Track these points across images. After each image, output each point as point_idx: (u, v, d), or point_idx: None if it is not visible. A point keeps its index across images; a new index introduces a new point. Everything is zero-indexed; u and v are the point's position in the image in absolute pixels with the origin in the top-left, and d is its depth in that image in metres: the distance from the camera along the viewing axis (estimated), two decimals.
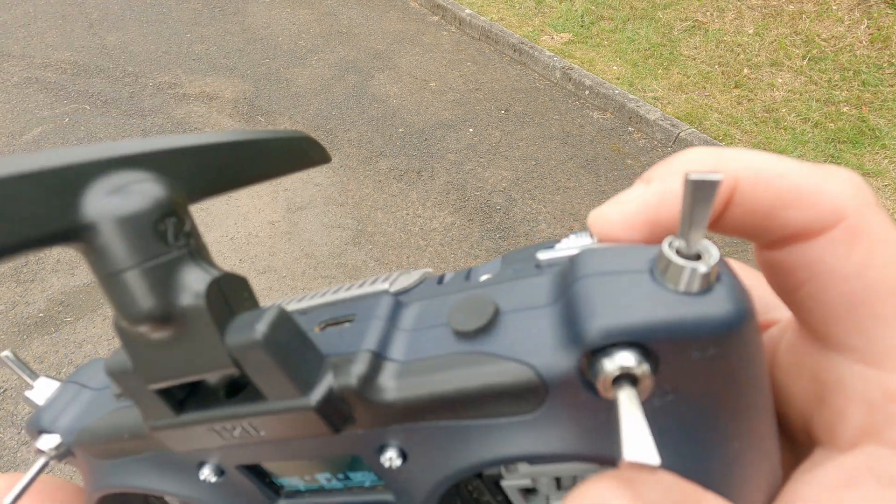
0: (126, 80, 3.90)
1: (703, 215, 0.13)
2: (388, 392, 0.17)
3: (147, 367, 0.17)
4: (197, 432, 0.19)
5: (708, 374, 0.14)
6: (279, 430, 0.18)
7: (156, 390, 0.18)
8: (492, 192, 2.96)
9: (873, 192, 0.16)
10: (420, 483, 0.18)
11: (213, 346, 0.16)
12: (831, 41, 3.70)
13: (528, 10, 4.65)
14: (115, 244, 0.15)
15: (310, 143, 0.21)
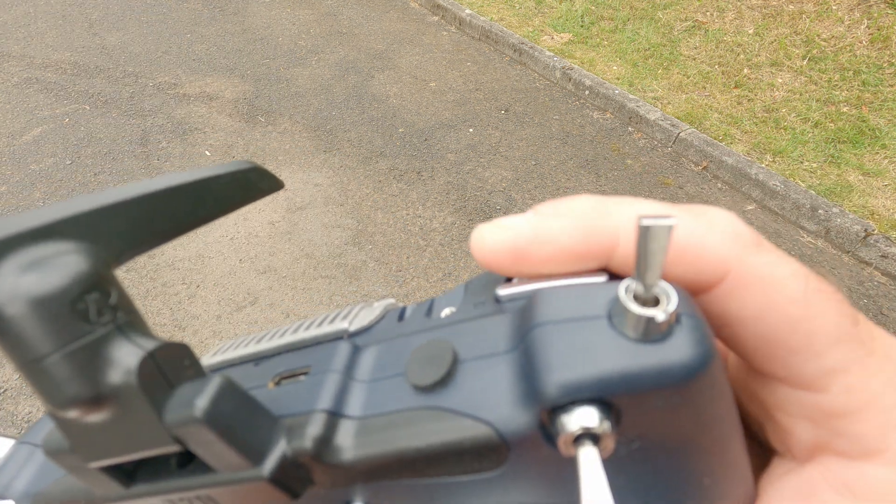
0: (126, 80, 3.90)
1: (657, 259, 0.13)
2: (345, 452, 0.16)
3: (85, 448, 0.16)
4: (151, 500, 0.18)
5: (673, 420, 0.14)
6: (235, 499, 0.17)
7: (99, 468, 0.17)
8: (492, 192, 2.96)
9: (751, 231, 0.16)
10: None
11: (151, 424, 0.15)
12: (831, 41, 3.70)
13: (528, 10, 4.65)
14: (30, 330, 0.14)
15: (257, 172, 0.20)
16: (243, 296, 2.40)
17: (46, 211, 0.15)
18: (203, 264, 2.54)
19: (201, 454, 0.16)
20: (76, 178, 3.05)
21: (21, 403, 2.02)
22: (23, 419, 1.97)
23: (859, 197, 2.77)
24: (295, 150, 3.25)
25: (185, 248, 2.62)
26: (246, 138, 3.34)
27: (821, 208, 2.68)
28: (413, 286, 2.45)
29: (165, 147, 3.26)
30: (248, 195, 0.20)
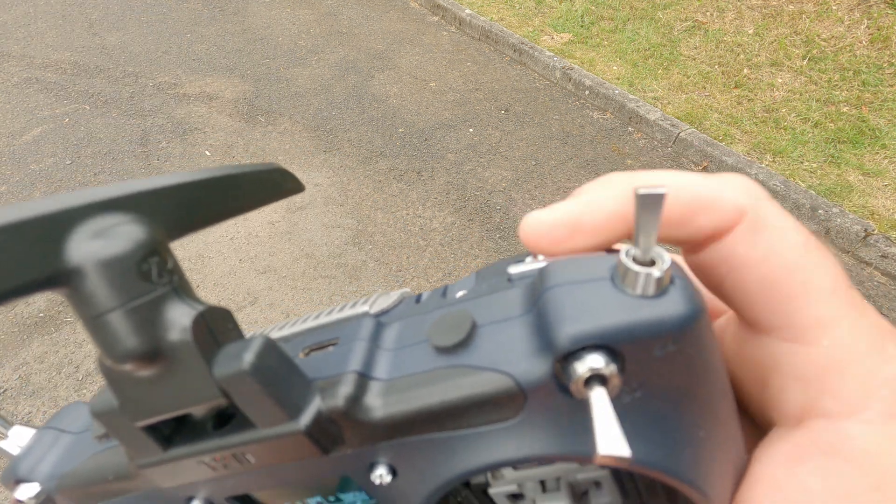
0: (126, 80, 3.90)
1: (653, 225, 0.15)
2: (374, 410, 0.18)
3: (133, 404, 0.17)
4: (186, 466, 0.19)
5: (670, 369, 0.15)
6: (269, 456, 0.18)
7: (142, 427, 0.18)
8: (492, 192, 2.96)
9: (761, 187, 0.19)
10: (410, 497, 0.19)
11: (201, 378, 0.16)
12: (831, 41, 3.70)
13: (528, 10, 4.65)
14: (99, 287, 0.15)
15: (283, 174, 0.22)
16: (243, 296, 2.40)
17: (111, 188, 0.16)
18: (203, 264, 2.54)
19: (244, 407, 0.17)
20: (76, 177, 3.05)
21: (21, 403, 2.02)
22: (22, 419, 1.97)
23: (859, 197, 2.77)
24: (295, 150, 3.25)
25: (185, 247, 2.62)
26: (246, 138, 3.34)
27: (821, 208, 2.68)
28: (413, 286, 2.45)
29: (165, 147, 3.26)
30: (274, 193, 0.22)
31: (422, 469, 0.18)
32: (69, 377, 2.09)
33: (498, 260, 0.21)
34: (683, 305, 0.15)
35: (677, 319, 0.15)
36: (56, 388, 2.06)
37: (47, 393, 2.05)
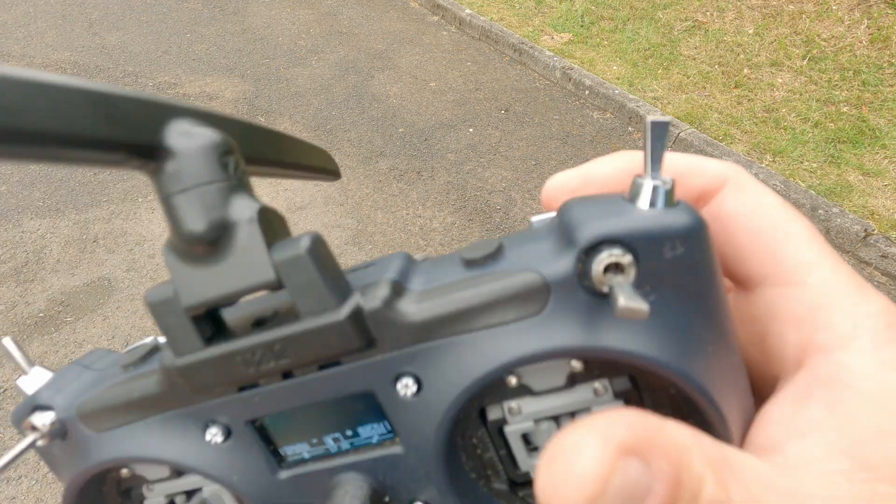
0: (126, 80, 3.89)
1: (660, 150, 0.17)
2: (408, 314, 0.19)
3: (191, 288, 0.19)
4: (222, 366, 0.19)
5: (679, 274, 0.17)
6: (305, 351, 0.19)
7: (192, 317, 0.19)
8: (492, 192, 2.96)
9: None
10: (434, 413, 0.20)
11: (260, 262, 0.18)
12: (831, 41, 3.70)
13: (528, 10, 4.65)
14: (186, 166, 0.18)
15: (330, 158, 0.25)
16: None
17: (203, 107, 0.19)
18: None
19: (294, 292, 0.19)
20: (76, 177, 3.05)
21: None
22: None
23: (859, 197, 2.78)
24: None
25: None
26: None
27: (821, 208, 2.69)
28: None
29: None
30: (321, 171, 0.25)
31: (449, 375, 0.19)
32: None
33: None
34: (690, 215, 0.17)
35: (685, 225, 0.17)
36: None
37: None
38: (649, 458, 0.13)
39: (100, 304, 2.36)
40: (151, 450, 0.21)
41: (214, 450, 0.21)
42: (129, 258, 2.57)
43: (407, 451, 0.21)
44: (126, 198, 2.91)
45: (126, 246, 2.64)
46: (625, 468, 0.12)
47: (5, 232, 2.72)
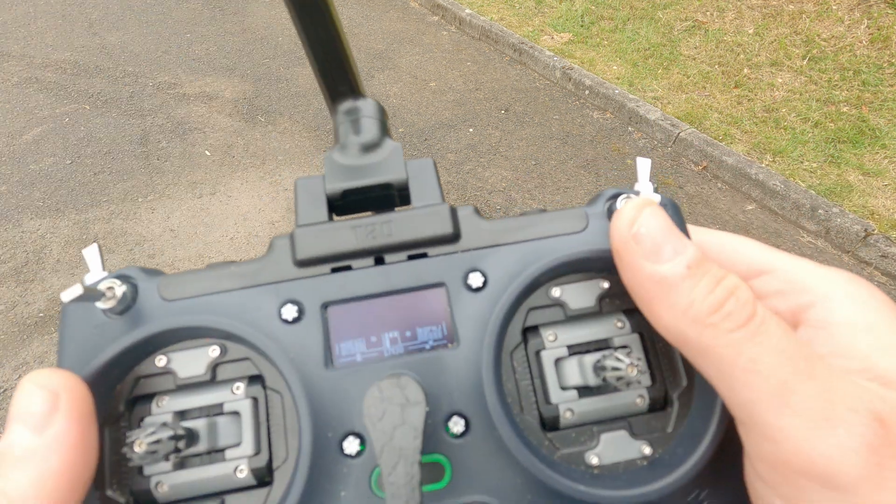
0: (126, 80, 3.90)
1: (644, 177, 0.26)
2: (488, 221, 0.25)
3: (337, 177, 0.26)
4: (336, 232, 0.24)
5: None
6: (411, 229, 0.24)
7: (328, 197, 0.26)
8: (492, 191, 2.96)
9: None
10: (494, 304, 0.23)
11: (396, 164, 0.27)
12: (831, 41, 3.70)
13: (528, 10, 4.65)
14: (365, 105, 0.29)
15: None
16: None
17: None
18: (203, 264, 2.54)
19: (415, 186, 0.26)
20: (76, 177, 3.04)
21: None
22: None
23: (859, 197, 2.77)
24: (295, 150, 3.25)
25: (185, 247, 2.62)
26: (246, 138, 3.34)
27: (821, 208, 2.68)
28: None
29: (165, 147, 3.26)
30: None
31: (512, 269, 0.24)
32: None
33: None
34: (663, 196, 0.25)
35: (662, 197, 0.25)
36: None
37: None
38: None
39: None
40: (219, 319, 0.23)
41: (282, 328, 0.23)
42: (129, 258, 2.57)
43: (461, 346, 0.23)
44: (126, 198, 2.91)
45: (126, 246, 2.63)
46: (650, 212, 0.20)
47: (5, 232, 2.72)
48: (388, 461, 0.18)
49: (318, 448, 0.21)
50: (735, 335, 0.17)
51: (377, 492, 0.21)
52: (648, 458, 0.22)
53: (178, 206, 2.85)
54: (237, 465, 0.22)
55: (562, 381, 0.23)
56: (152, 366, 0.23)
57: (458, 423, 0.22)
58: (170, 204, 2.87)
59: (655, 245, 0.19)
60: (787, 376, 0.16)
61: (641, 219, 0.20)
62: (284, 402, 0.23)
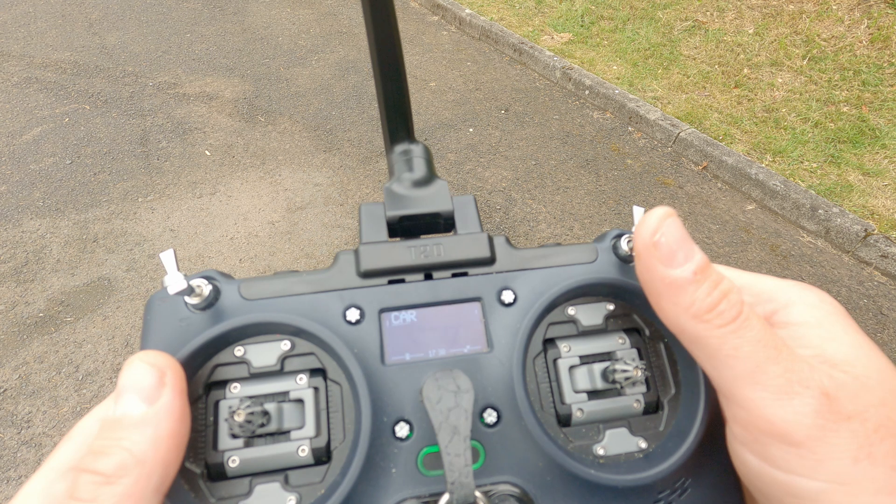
0: (126, 80, 3.90)
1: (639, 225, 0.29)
2: (518, 248, 0.30)
3: (395, 205, 0.31)
4: (394, 250, 0.29)
5: None
6: (454, 250, 0.29)
7: (387, 221, 0.31)
8: (492, 191, 2.95)
9: None
10: (523, 318, 0.28)
11: (444, 198, 0.32)
12: (831, 41, 3.70)
13: (528, 10, 4.65)
14: (417, 150, 0.36)
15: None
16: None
17: None
18: (203, 264, 2.54)
19: (459, 215, 0.32)
20: (76, 177, 3.04)
21: (21, 403, 2.02)
22: (22, 419, 1.97)
23: (859, 197, 2.77)
24: (295, 150, 3.25)
25: (186, 247, 2.62)
26: (246, 138, 3.34)
27: (821, 208, 2.68)
28: None
29: (165, 147, 3.26)
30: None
31: (538, 289, 0.29)
32: (69, 377, 2.09)
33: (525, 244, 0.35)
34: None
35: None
36: (56, 388, 2.06)
37: (47, 393, 2.05)
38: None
39: (100, 304, 2.36)
40: (295, 317, 0.27)
41: (346, 328, 0.27)
42: (129, 258, 2.57)
43: (494, 351, 0.27)
44: (126, 198, 2.91)
45: (126, 246, 2.63)
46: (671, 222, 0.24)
47: (5, 232, 2.72)
48: (444, 436, 0.22)
49: (375, 431, 0.25)
50: (724, 329, 0.22)
51: (423, 470, 0.25)
52: (644, 450, 0.27)
53: (178, 206, 2.85)
54: (299, 445, 0.25)
55: (574, 385, 0.28)
56: (230, 355, 0.27)
57: (492, 414, 0.26)
58: (170, 204, 2.87)
59: (671, 252, 0.23)
60: (759, 360, 0.22)
61: (663, 227, 0.23)
62: (343, 392, 0.26)
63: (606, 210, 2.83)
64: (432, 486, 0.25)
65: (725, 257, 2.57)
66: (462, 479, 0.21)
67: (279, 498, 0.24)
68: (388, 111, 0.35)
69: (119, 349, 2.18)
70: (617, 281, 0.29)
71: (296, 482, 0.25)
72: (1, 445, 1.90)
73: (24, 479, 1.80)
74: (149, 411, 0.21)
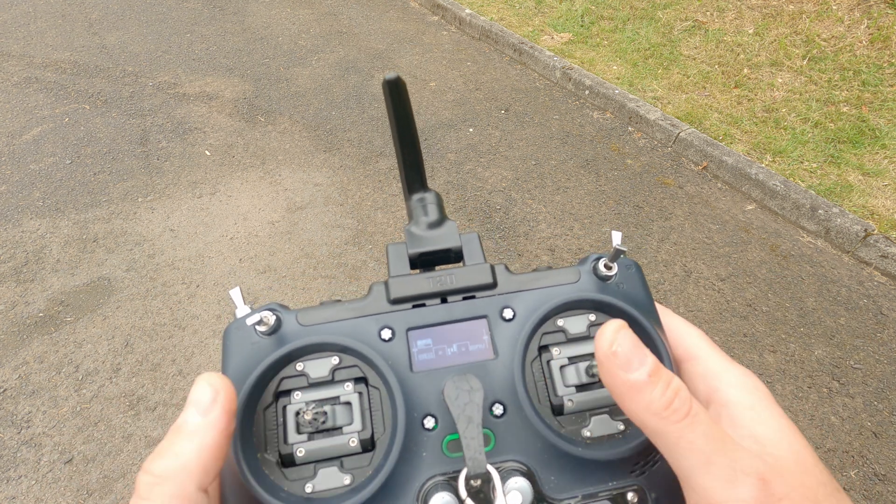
0: (126, 80, 3.90)
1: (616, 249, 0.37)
2: (515, 274, 0.36)
3: (415, 244, 0.39)
4: (416, 280, 0.36)
5: (629, 278, 0.37)
6: (466, 279, 0.36)
7: (409, 257, 0.39)
8: (492, 191, 2.95)
9: None
10: (521, 329, 0.34)
11: (453, 236, 0.40)
12: (831, 41, 3.70)
13: (528, 10, 4.65)
14: (431, 199, 0.43)
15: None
16: (243, 295, 2.40)
17: None
18: (203, 264, 2.54)
19: (467, 251, 0.39)
20: (76, 177, 3.04)
21: (21, 403, 2.02)
22: (22, 419, 1.97)
23: (859, 197, 2.77)
24: (295, 150, 3.25)
25: (185, 247, 2.62)
26: (246, 138, 3.34)
27: (821, 208, 2.68)
28: None
29: (165, 146, 3.26)
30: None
31: (533, 306, 0.35)
32: (69, 377, 2.09)
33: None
34: (631, 263, 0.38)
35: (629, 263, 0.37)
36: (56, 388, 2.06)
37: (47, 392, 2.05)
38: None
39: (99, 304, 2.36)
40: (342, 338, 0.34)
41: (382, 344, 0.34)
42: (129, 258, 2.57)
43: (499, 357, 0.34)
44: (126, 198, 2.91)
45: (126, 246, 2.63)
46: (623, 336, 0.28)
47: (5, 232, 2.72)
48: (462, 424, 0.29)
49: (408, 424, 0.32)
50: (679, 424, 0.26)
51: (447, 453, 0.32)
52: (622, 432, 0.33)
53: (178, 206, 2.85)
54: (350, 437, 0.32)
55: (564, 381, 0.34)
56: (293, 370, 0.34)
57: (499, 407, 0.33)
58: (170, 204, 2.87)
59: (627, 359, 0.27)
60: (708, 452, 0.26)
61: (617, 339, 0.28)
62: (381, 395, 0.33)
63: (606, 210, 2.83)
64: (455, 465, 0.31)
65: (725, 257, 2.57)
66: (476, 456, 0.27)
67: (337, 478, 0.31)
68: (406, 168, 0.43)
69: (119, 349, 2.18)
70: (596, 297, 0.35)
71: (349, 466, 0.32)
72: (1, 445, 1.90)
73: (23, 479, 1.80)
74: (201, 423, 0.26)
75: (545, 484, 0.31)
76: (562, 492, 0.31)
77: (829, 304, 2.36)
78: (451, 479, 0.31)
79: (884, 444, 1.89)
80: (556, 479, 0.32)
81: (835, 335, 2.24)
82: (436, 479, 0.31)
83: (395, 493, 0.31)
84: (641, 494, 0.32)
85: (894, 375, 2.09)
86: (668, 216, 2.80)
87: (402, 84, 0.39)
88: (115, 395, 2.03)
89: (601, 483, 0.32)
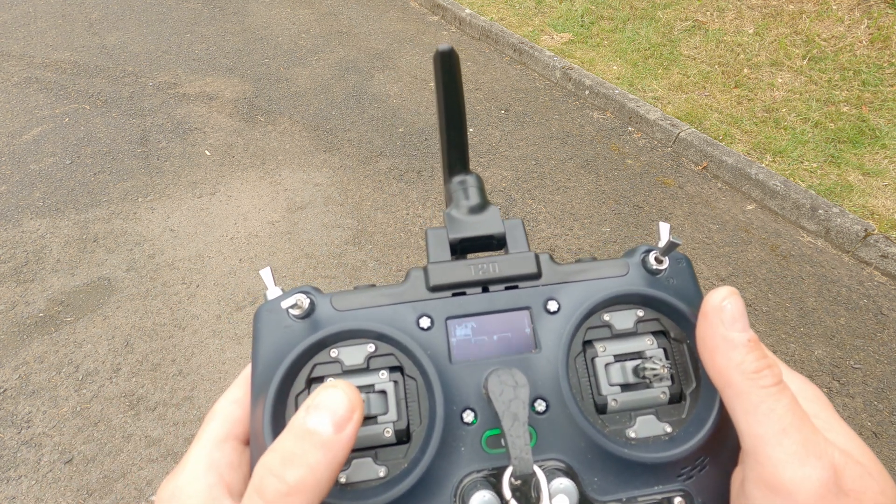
0: (126, 80, 3.90)
1: (665, 233, 0.34)
2: (562, 265, 0.35)
3: (456, 229, 0.37)
4: (457, 268, 0.34)
5: (679, 271, 0.35)
6: (507, 266, 0.34)
7: (450, 243, 0.36)
8: (492, 191, 2.95)
9: None
10: (566, 323, 0.33)
11: (496, 222, 0.37)
12: (831, 41, 3.70)
13: (528, 10, 4.65)
14: (473, 182, 0.40)
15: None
16: (243, 295, 2.40)
17: None
18: (203, 264, 2.54)
19: (510, 237, 0.37)
20: (76, 177, 3.04)
21: (21, 403, 2.02)
22: (22, 419, 1.97)
23: (859, 197, 2.77)
24: (295, 150, 3.25)
25: (185, 247, 2.62)
26: (246, 138, 3.34)
27: (821, 208, 2.68)
28: None
29: (165, 146, 3.26)
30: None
31: (579, 299, 0.33)
32: (69, 377, 2.09)
33: None
34: (680, 256, 0.35)
35: (679, 256, 0.35)
36: (56, 388, 2.06)
37: (47, 392, 2.05)
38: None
39: (100, 304, 2.36)
40: (379, 325, 0.32)
41: (420, 333, 0.32)
42: (129, 258, 2.57)
43: (542, 351, 0.32)
44: (126, 198, 2.91)
45: (126, 246, 2.63)
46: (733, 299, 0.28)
47: (5, 232, 2.72)
48: (507, 422, 0.27)
49: (447, 417, 0.31)
50: (767, 389, 0.26)
51: (486, 449, 0.30)
52: (669, 434, 0.32)
53: (178, 206, 2.85)
54: (385, 427, 0.31)
55: (609, 379, 0.33)
56: (327, 356, 0.32)
57: (542, 404, 0.31)
58: (170, 204, 2.87)
59: (734, 318, 0.27)
60: (786, 423, 0.25)
61: (730, 298, 0.28)
62: (418, 385, 0.32)
63: (606, 210, 2.83)
64: (494, 462, 0.30)
65: (725, 257, 2.57)
66: (523, 455, 0.26)
67: (372, 469, 0.30)
68: (449, 148, 0.41)
69: (119, 349, 2.18)
70: (647, 292, 0.34)
71: (383, 458, 0.31)
72: (1, 445, 1.90)
73: (23, 479, 1.80)
74: (334, 438, 0.24)
75: (588, 485, 0.30)
76: (605, 494, 0.30)
77: (829, 304, 2.36)
78: (490, 476, 0.30)
79: (884, 443, 1.89)
80: (598, 480, 0.30)
81: (835, 335, 2.24)
82: (474, 477, 0.30)
83: (431, 489, 0.29)
84: (689, 500, 0.30)
85: (894, 375, 2.09)
86: (668, 216, 2.80)
87: (456, 57, 0.37)
88: (115, 395, 2.03)
89: (646, 486, 0.30)
